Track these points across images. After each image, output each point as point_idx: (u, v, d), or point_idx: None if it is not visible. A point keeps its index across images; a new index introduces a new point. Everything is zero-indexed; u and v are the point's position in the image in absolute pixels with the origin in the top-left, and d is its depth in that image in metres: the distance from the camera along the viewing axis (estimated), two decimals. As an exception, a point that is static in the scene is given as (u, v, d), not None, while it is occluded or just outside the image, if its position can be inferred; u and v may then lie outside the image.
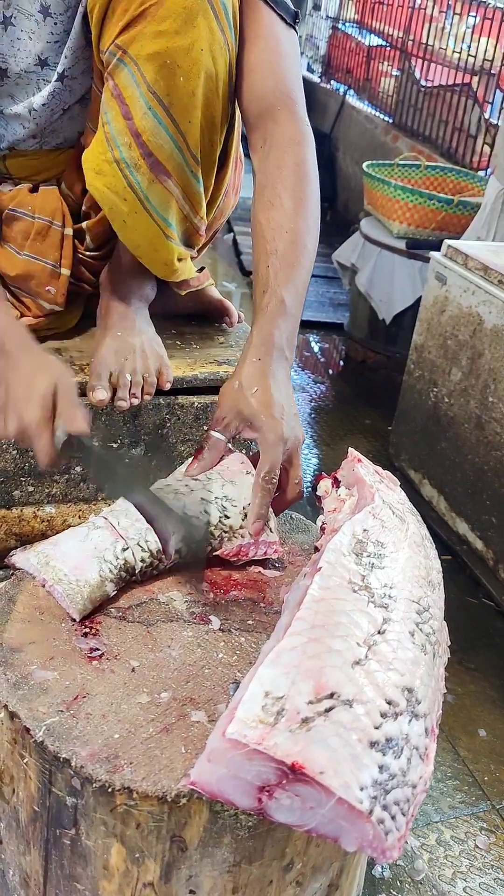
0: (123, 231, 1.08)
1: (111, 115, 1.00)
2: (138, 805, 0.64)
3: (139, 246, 1.09)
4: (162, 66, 0.96)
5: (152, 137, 0.99)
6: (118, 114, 0.99)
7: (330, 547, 0.72)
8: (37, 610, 0.79)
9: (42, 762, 0.67)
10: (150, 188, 1.02)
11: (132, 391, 1.12)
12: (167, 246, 1.08)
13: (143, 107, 0.97)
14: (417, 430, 2.16)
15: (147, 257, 1.10)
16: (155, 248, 1.09)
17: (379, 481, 0.85)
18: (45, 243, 1.14)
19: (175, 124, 0.99)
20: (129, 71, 0.97)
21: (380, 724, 0.61)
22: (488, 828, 1.36)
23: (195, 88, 0.98)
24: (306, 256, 1.00)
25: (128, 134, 0.99)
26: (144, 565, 0.82)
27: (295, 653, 0.63)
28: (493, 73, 3.28)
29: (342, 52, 4.99)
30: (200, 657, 0.76)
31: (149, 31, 0.95)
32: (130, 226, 1.06)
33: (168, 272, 1.13)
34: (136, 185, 1.02)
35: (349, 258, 2.92)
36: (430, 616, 0.71)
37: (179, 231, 1.10)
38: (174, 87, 0.97)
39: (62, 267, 1.15)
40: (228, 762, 0.59)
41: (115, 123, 1.00)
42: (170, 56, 0.95)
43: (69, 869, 0.70)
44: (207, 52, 0.97)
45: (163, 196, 1.04)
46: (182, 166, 1.03)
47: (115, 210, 1.05)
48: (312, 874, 0.72)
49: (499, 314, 1.83)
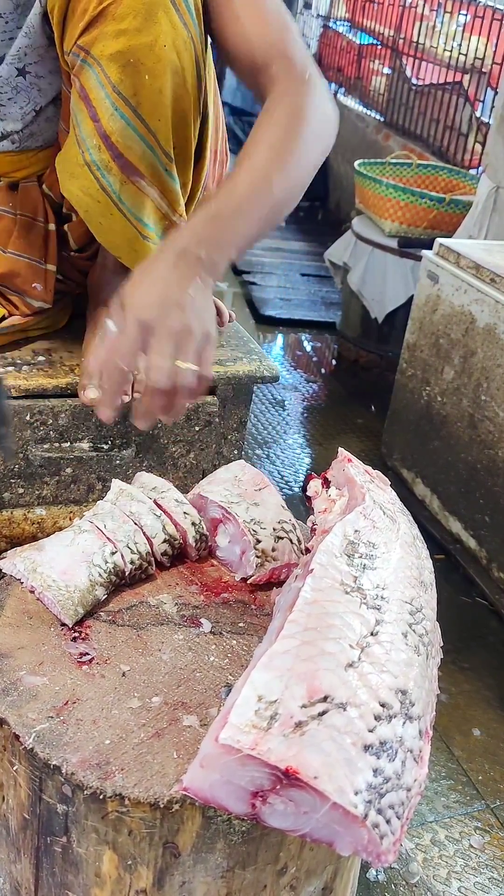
0: (101, 233, 1.07)
1: (80, 118, 0.99)
2: (130, 812, 0.63)
3: (118, 247, 1.08)
4: (126, 65, 0.94)
5: (121, 139, 0.98)
6: (86, 116, 0.98)
7: (321, 548, 0.72)
8: (26, 615, 0.78)
9: (32, 769, 0.66)
10: (122, 189, 1.01)
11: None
12: (146, 246, 1.08)
13: (110, 108, 0.96)
14: (410, 429, 2.16)
15: (127, 258, 1.10)
16: (134, 249, 1.08)
17: (369, 481, 0.85)
18: (29, 240, 1.14)
19: (144, 124, 0.98)
20: (93, 72, 0.96)
21: (374, 727, 0.60)
22: (483, 827, 1.35)
23: (162, 86, 0.96)
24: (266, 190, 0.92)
25: (96, 136, 0.98)
26: (133, 567, 0.82)
27: (288, 656, 0.62)
28: (484, 72, 3.28)
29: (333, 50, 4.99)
30: (192, 661, 0.75)
31: (109, 31, 0.93)
32: (107, 227, 1.05)
33: None
34: (108, 186, 1.01)
35: (341, 257, 2.92)
36: (423, 616, 0.71)
37: (158, 230, 1.09)
38: (140, 85, 0.96)
39: (48, 263, 1.15)
40: (222, 768, 0.58)
41: (83, 126, 0.99)
42: (133, 55, 0.94)
43: (61, 877, 0.69)
44: (171, 47, 0.95)
45: (136, 196, 1.03)
46: (155, 165, 1.02)
47: (91, 213, 1.04)
48: (306, 878, 0.71)
49: (491, 312, 1.82)
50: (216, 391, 1.23)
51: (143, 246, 1.08)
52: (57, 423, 1.15)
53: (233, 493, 0.89)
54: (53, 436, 1.15)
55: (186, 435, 1.23)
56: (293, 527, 0.89)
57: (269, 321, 3.19)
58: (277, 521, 0.87)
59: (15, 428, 1.13)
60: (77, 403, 1.14)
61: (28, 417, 1.13)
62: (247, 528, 0.85)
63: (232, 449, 1.28)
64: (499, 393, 1.80)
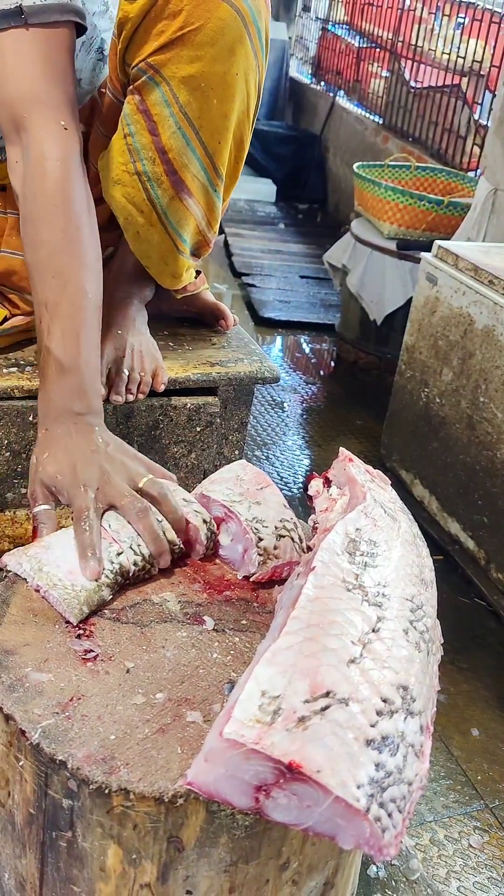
0: (136, 242, 1.09)
1: (135, 129, 1.00)
2: (135, 806, 0.64)
3: (150, 257, 1.10)
4: (196, 88, 0.97)
5: (178, 156, 1.00)
6: (143, 128, 1.00)
7: (323, 546, 0.72)
8: (31, 612, 0.79)
9: (38, 765, 0.67)
10: (170, 204, 1.04)
11: (128, 387, 1.13)
12: (178, 259, 1.10)
13: (173, 126, 0.98)
14: (409, 430, 2.17)
15: (156, 268, 1.12)
16: (165, 261, 1.10)
17: (370, 480, 0.86)
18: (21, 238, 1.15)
19: (203, 145, 1.01)
20: (160, 91, 0.97)
21: (375, 722, 0.61)
22: (482, 827, 1.36)
23: (228, 111, 0.99)
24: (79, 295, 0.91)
25: (153, 149, 1.00)
26: (137, 569, 0.82)
27: (291, 652, 0.63)
28: (482, 75, 3.29)
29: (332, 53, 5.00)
30: (195, 657, 0.76)
31: (185, 55, 0.95)
32: (144, 237, 1.08)
33: (174, 282, 1.15)
34: (155, 199, 1.03)
35: (340, 259, 2.93)
36: (424, 614, 0.72)
37: (191, 244, 1.11)
38: (206, 109, 0.98)
39: None
40: (226, 762, 0.59)
41: (139, 137, 1.00)
42: (205, 80, 0.96)
43: (65, 871, 0.70)
44: (242, 76, 0.98)
45: (182, 213, 1.05)
46: (206, 186, 1.04)
47: (131, 220, 1.06)
48: (308, 873, 0.72)
49: (489, 314, 1.83)
50: (217, 392, 1.24)
51: (176, 259, 1.10)
52: (59, 423, 1.16)
53: (235, 492, 0.90)
54: (56, 436, 1.16)
55: (188, 436, 1.24)
56: (295, 525, 0.90)
57: (269, 323, 3.20)
58: (279, 519, 0.88)
59: (19, 428, 1.14)
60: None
61: (31, 418, 1.13)
62: (249, 526, 0.86)
63: (233, 449, 1.29)
64: (497, 394, 1.81)
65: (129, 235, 1.08)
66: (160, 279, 1.13)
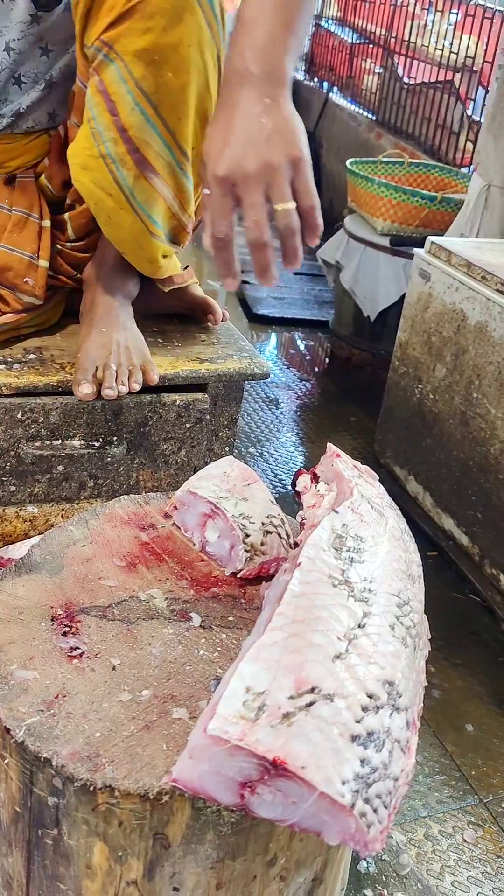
0: (108, 227, 1.07)
1: (97, 111, 1.00)
2: (120, 803, 0.64)
3: (123, 242, 1.09)
4: (150, 62, 0.95)
5: (139, 133, 0.99)
6: (104, 109, 0.99)
7: (309, 542, 0.72)
8: (16, 609, 0.78)
9: (23, 762, 0.66)
10: (135, 184, 1.02)
11: (119, 380, 1.12)
12: (152, 243, 1.09)
13: (131, 102, 0.97)
14: (402, 426, 2.16)
15: (132, 254, 1.10)
16: (140, 245, 1.09)
17: (358, 476, 0.85)
18: (23, 235, 1.14)
19: (163, 121, 0.99)
20: (115, 67, 0.96)
21: (361, 717, 0.61)
22: (476, 822, 1.36)
23: (185, 85, 0.98)
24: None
25: (114, 129, 0.99)
26: None
27: (275, 648, 0.63)
28: (476, 70, 3.29)
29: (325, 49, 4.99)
30: (181, 654, 0.76)
31: (136, 28, 0.94)
32: (115, 221, 1.06)
33: (153, 269, 1.13)
34: (121, 180, 1.02)
35: (333, 256, 2.92)
36: (411, 609, 0.72)
37: (166, 228, 1.10)
38: (162, 83, 0.97)
39: (40, 259, 1.15)
40: (210, 758, 0.59)
41: (100, 119, 0.99)
42: (158, 52, 0.95)
43: (52, 869, 0.70)
44: (196, 47, 0.96)
45: (148, 193, 1.04)
46: (171, 164, 1.03)
47: (101, 205, 1.05)
48: (296, 869, 0.72)
49: (482, 310, 1.83)
50: (207, 388, 1.23)
51: (150, 242, 1.08)
52: (48, 420, 1.15)
53: (221, 488, 0.90)
54: (45, 433, 1.16)
55: (177, 432, 1.23)
56: (282, 521, 0.89)
57: (262, 320, 3.20)
58: (266, 515, 0.87)
59: (7, 426, 1.13)
60: (69, 401, 1.14)
61: (19, 415, 1.13)
62: (235, 522, 0.86)
63: (223, 446, 1.29)
64: (490, 390, 1.81)
65: (101, 221, 1.07)
66: (138, 265, 1.12)
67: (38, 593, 0.81)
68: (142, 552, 0.88)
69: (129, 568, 0.86)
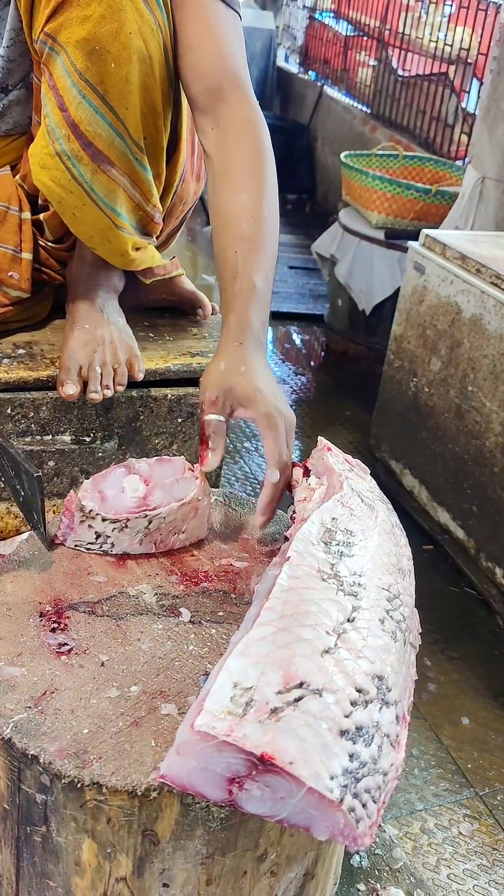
0: (74, 223, 1.06)
1: (49, 108, 0.98)
2: (108, 800, 0.63)
3: (92, 237, 1.08)
4: (91, 52, 0.93)
5: (90, 127, 0.97)
6: (55, 105, 0.97)
7: (298, 536, 0.72)
8: (4, 606, 0.78)
9: (10, 759, 0.66)
10: (94, 179, 1.01)
11: (104, 382, 1.11)
12: (119, 236, 1.07)
13: (77, 96, 0.96)
14: (398, 420, 2.16)
15: (102, 248, 1.09)
16: (108, 239, 1.07)
17: (349, 470, 0.85)
18: (4, 228, 1.13)
19: (113, 111, 0.97)
20: (60, 60, 0.95)
21: (350, 712, 0.61)
22: (472, 815, 1.36)
23: (128, 74, 0.96)
24: (272, 241, 0.99)
25: (65, 125, 0.97)
26: None
27: (264, 643, 0.62)
28: (470, 63, 3.28)
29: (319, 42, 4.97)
30: (171, 650, 0.75)
31: (75, 17, 0.93)
32: (80, 218, 1.05)
33: (125, 262, 1.12)
34: (79, 176, 1.01)
35: (328, 249, 2.92)
36: (401, 603, 0.71)
37: (132, 220, 1.08)
38: (106, 73, 0.95)
39: (23, 251, 1.14)
40: (198, 754, 0.58)
41: (52, 115, 0.98)
42: (98, 42, 0.93)
43: (41, 866, 0.69)
44: (137, 34, 0.95)
45: (108, 185, 1.02)
46: (125, 154, 1.01)
47: (63, 203, 1.04)
48: (287, 864, 0.72)
49: (477, 303, 1.83)
50: (198, 382, 1.23)
51: (117, 236, 1.07)
52: (38, 415, 1.15)
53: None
54: (35, 429, 1.15)
55: (169, 427, 1.23)
56: None
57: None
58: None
59: (-3, 423, 1.13)
60: (59, 396, 1.14)
61: (9, 410, 1.12)
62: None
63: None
64: (485, 383, 1.80)
65: (66, 219, 1.06)
66: (109, 258, 1.11)
67: (27, 589, 0.81)
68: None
69: (118, 563, 0.86)
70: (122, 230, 1.07)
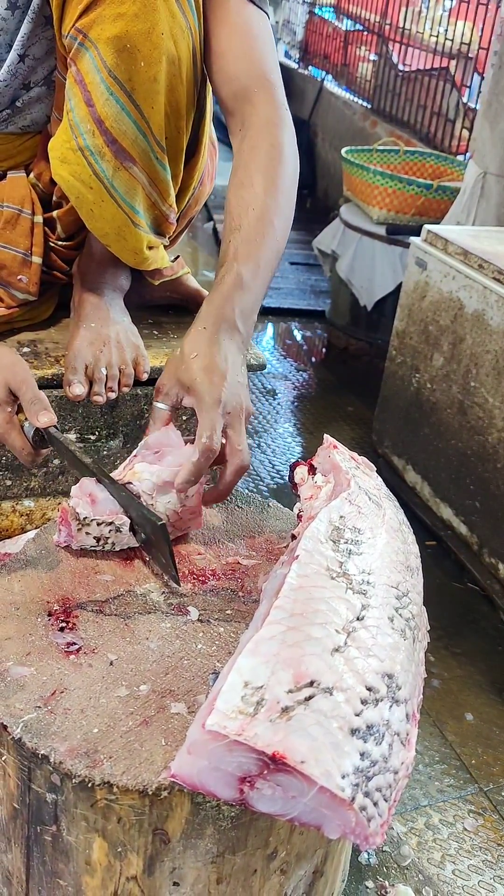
0: (91, 219, 1.06)
1: (74, 102, 0.98)
2: (119, 799, 0.63)
3: (107, 234, 1.07)
4: (122, 49, 0.94)
5: (115, 123, 0.97)
6: (80, 100, 0.97)
7: (306, 534, 0.72)
8: (13, 605, 0.78)
9: (20, 759, 0.66)
10: (115, 175, 1.01)
11: (108, 385, 1.11)
12: (135, 234, 1.07)
13: (105, 92, 0.96)
14: (400, 416, 2.16)
15: (115, 245, 1.09)
16: (123, 236, 1.07)
17: (355, 467, 0.85)
18: (15, 232, 1.13)
19: (138, 110, 0.98)
20: (89, 55, 0.95)
21: (360, 710, 0.60)
22: (476, 810, 1.36)
23: (157, 73, 0.96)
24: (272, 235, 0.98)
25: (90, 121, 0.97)
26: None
27: (274, 642, 0.62)
28: (471, 57, 3.27)
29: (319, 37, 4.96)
30: (179, 648, 0.75)
31: (108, 14, 0.93)
32: (97, 214, 1.05)
33: (138, 260, 1.12)
34: (101, 172, 1.00)
35: (329, 245, 2.91)
36: (410, 601, 0.71)
37: (148, 219, 1.08)
38: (135, 71, 0.95)
39: (33, 255, 1.14)
40: (209, 754, 0.58)
41: (77, 110, 0.98)
42: (129, 40, 0.93)
43: (51, 865, 0.69)
44: (168, 35, 0.95)
45: (129, 183, 1.02)
46: (147, 152, 1.01)
47: (82, 198, 1.03)
48: (297, 862, 0.72)
49: (479, 298, 1.82)
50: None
51: (133, 233, 1.07)
52: (43, 414, 1.14)
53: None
54: (40, 427, 1.15)
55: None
56: None
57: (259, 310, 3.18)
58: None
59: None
60: (63, 394, 1.14)
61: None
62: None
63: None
64: (488, 379, 1.80)
65: (83, 214, 1.06)
66: (122, 256, 1.11)
67: (35, 588, 0.81)
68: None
69: (126, 562, 0.86)
70: (139, 228, 1.07)
